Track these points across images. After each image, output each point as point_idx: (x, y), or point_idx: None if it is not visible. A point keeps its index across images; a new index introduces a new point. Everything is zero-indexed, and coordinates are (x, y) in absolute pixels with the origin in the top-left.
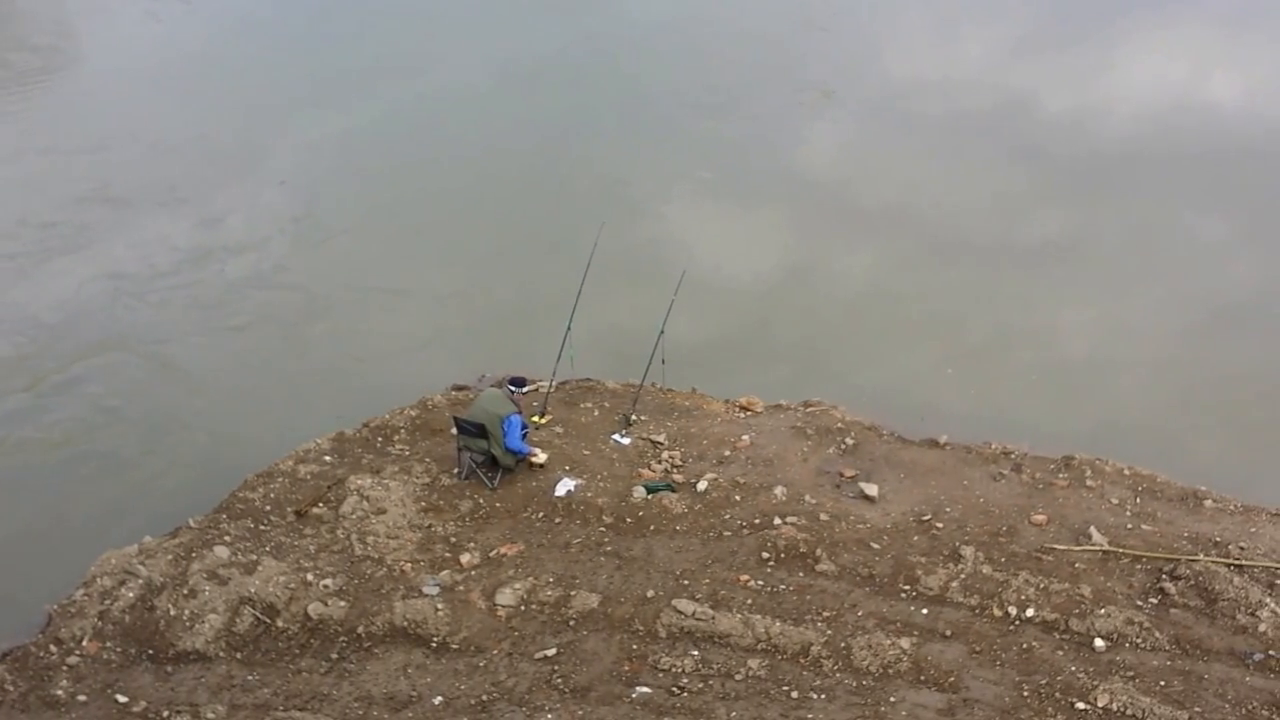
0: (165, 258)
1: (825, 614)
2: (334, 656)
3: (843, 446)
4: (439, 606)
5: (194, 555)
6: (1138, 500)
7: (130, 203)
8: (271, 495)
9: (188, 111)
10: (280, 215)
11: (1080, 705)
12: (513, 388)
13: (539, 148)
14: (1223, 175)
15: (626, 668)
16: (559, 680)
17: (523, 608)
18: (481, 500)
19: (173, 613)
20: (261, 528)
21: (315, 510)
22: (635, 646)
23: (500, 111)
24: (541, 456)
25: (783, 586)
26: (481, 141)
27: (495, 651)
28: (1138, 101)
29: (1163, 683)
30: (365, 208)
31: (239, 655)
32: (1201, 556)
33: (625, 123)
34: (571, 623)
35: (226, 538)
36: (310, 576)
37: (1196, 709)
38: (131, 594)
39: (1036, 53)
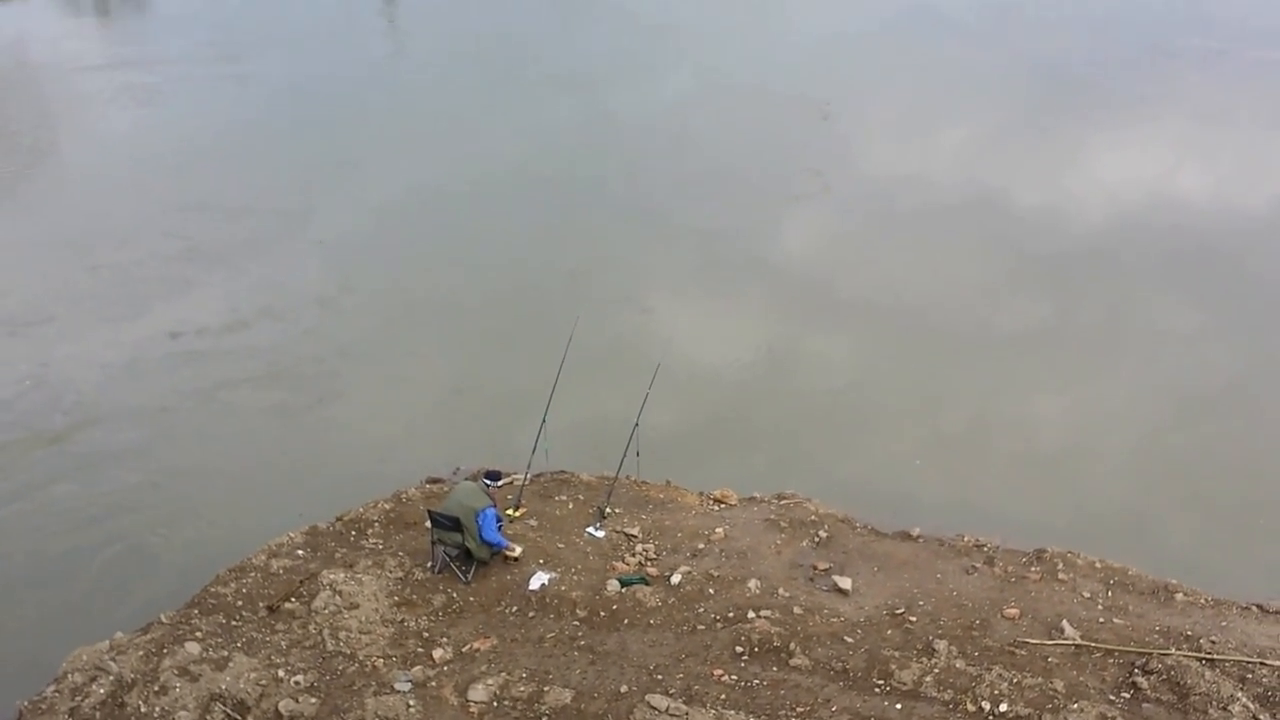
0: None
1: (799, 709)
2: None
3: (816, 539)
4: (411, 703)
5: (165, 651)
6: (1109, 593)
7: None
8: (244, 590)
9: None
10: (262, 300)
11: None
12: (488, 481)
13: (522, 237)
14: (1191, 268)
15: None
16: None
17: (495, 704)
18: (455, 594)
19: (143, 710)
20: (233, 623)
21: (287, 605)
22: None
23: (486, 201)
24: (516, 550)
25: (757, 681)
26: (464, 231)
27: None
28: (1109, 196)
29: None
30: (341, 297)
31: None
32: (1173, 651)
33: (609, 211)
34: (545, 719)
35: (198, 633)
36: (282, 673)
37: None
38: (102, 690)
39: (1013, 148)
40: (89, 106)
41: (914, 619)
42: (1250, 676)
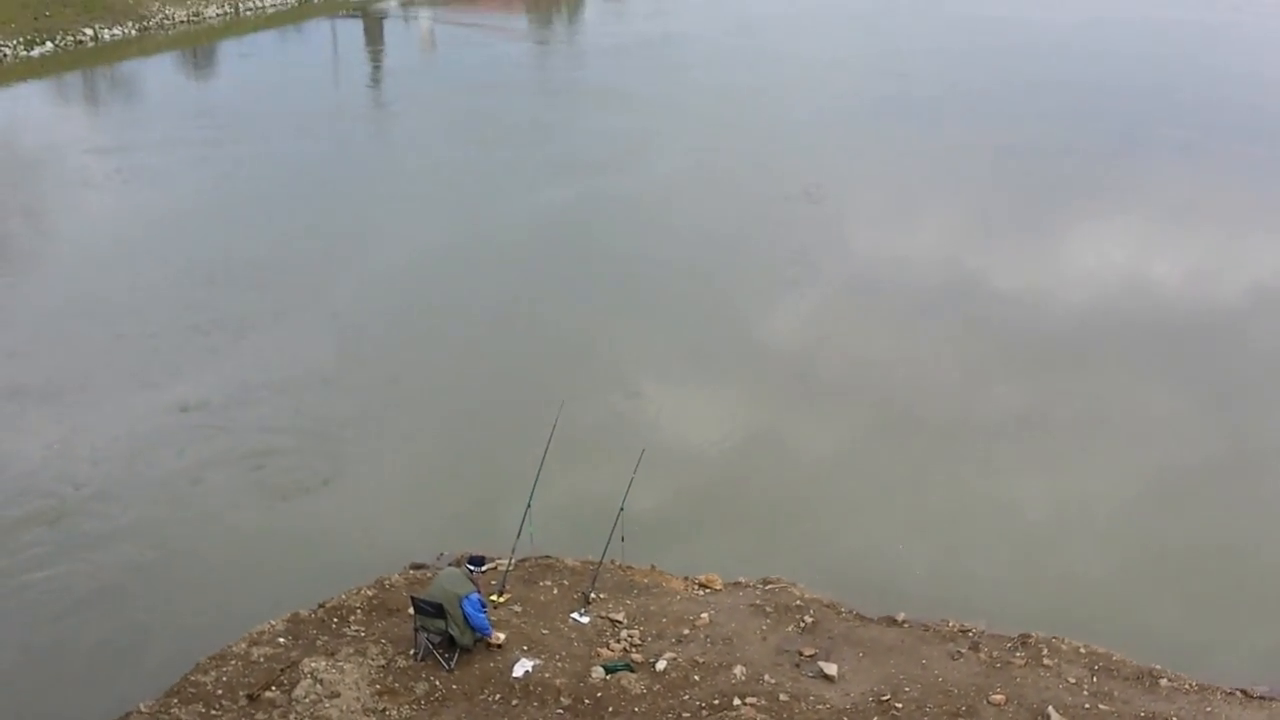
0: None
1: None
2: None
3: (802, 624)
4: None
5: None
6: (1094, 679)
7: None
8: (224, 679)
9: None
10: (267, 375)
11: None
12: (471, 567)
13: (511, 317)
14: (1169, 353)
15: None
16: None
17: None
18: (438, 682)
19: None
20: (213, 712)
21: (268, 694)
22: None
23: (476, 281)
24: (500, 637)
25: None
26: (454, 310)
27: None
28: (1087, 282)
29: None
30: (336, 374)
31: None
32: None
33: (597, 292)
34: None
35: None
36: None
37: None
38: None
39: (993, 234)
40: (92, 186)
41: (900, 705)
42: None
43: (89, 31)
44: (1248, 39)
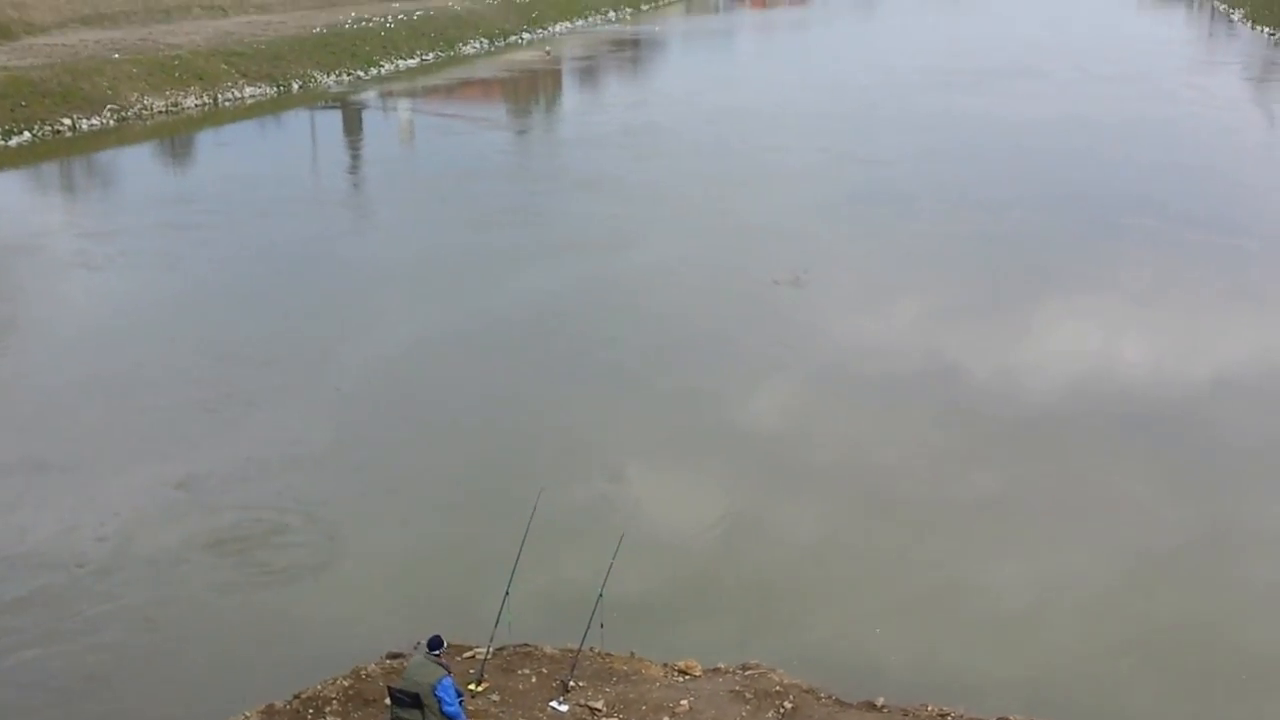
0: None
1: None
2: None
3: (781, 710)
4: None
5: None
6: None
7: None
8: None
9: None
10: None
11: None
12: (431, 649)
13: (491, 399)
14: (1143, 436)
15: None
16: None
17: None
18: None
19: None
20: None
21: None
22: None
23: (455, 364)
24: None
25: None
26: (432, 392)
27: None
28: (1062, 366)
29: None
30: (313, 465)
31: None
32: None
33: (579, 378)
34: None
35: None
36: None
37: None
38: None
39: (969, 320)
40: (82, 269)
41: None
42: None
43: (67, 121)
44: (1206, 131)
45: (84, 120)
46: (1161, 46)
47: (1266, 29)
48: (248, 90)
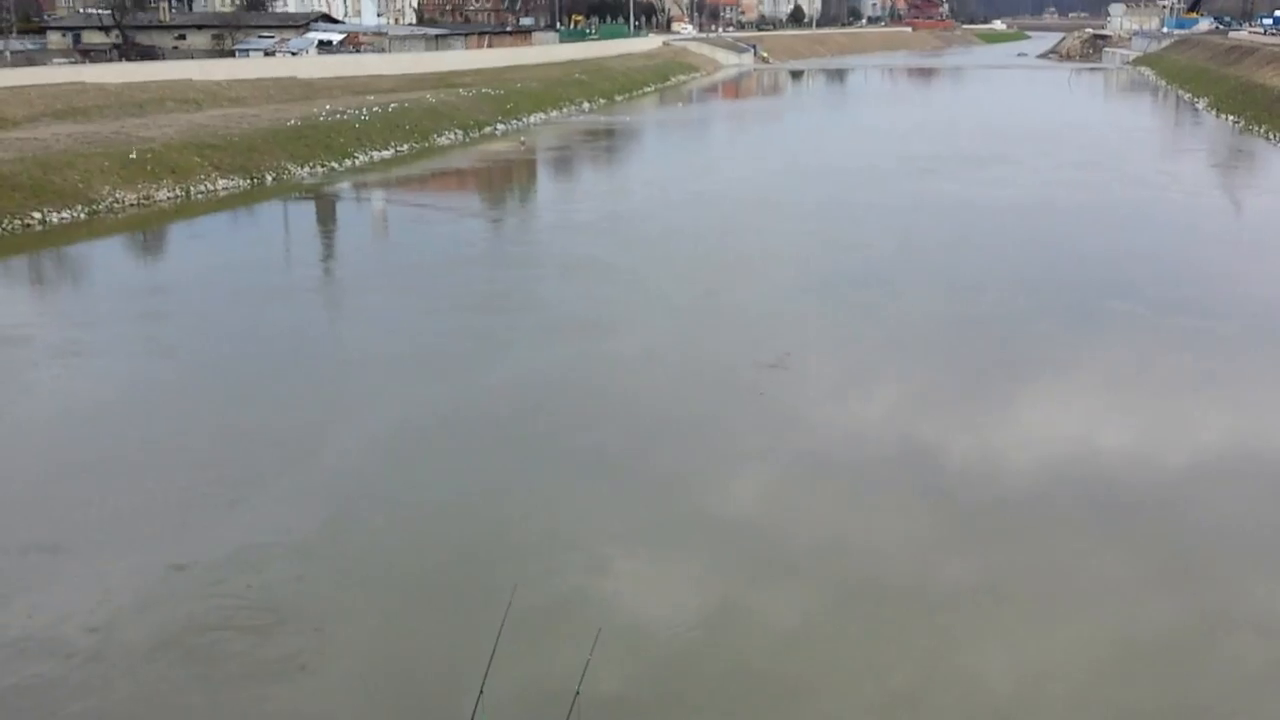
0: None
1: None
2: None
3: None
4: None
5: None
6: None
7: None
8: None
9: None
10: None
11: None
12: None
13: (464, 488)
14: (1124, 523)
15: None
16: None
17: None
18: None
19: None
20: None
21: None
22: None
23: (432, 450)
24: None
25: None
26: (409, 480)
27: None
28: (1041, 450)
29: None
30: (280, 557)
31: None
32: None
33: (554, 464)
34: None
35: None
36: None
37: None
38: None
39: (946, 403)
40: (58, 359)
41: None
42: None
43: (37, 215)
44: (1177, 216)
45: (55, 214)
46: (1130, 133)
47: (1231, 117)
48: (221, 183)
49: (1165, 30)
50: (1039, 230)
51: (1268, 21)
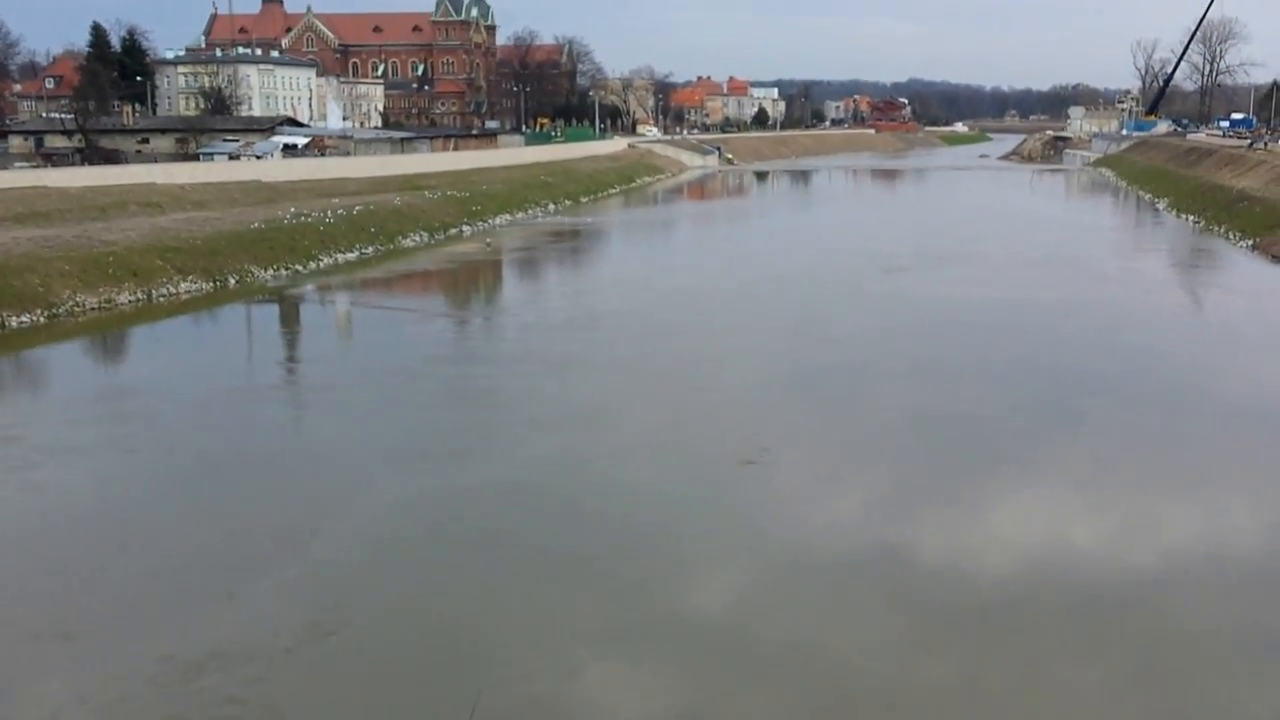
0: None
1: None
2: None
3: None
4: None
5: None
6: None
7: None
8: None
9: None
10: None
11: None
12: None
13: (436, 589)
14: (1094, 623)
15: None
16: None
17: None
18: None
19: None
20: None
21: None
22: None
23: (404, 550)
24: None
25: None
26: (380, 580)
27: None
28: (1014, 551)
29: None
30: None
31: None
32: None
33: (527, 564)
34: None
35: None
36: None
37: None
38: None
39: (917, 502)
40: (20, 463)
41: None
42: None
43: None
44: (1142, 313)
45: (14, 318)
46: (1094, 232)
47: (1191, 217)
48: (183, 285)
49: (1124, 132)
50: (1009, 328)
51: (1225, 124)
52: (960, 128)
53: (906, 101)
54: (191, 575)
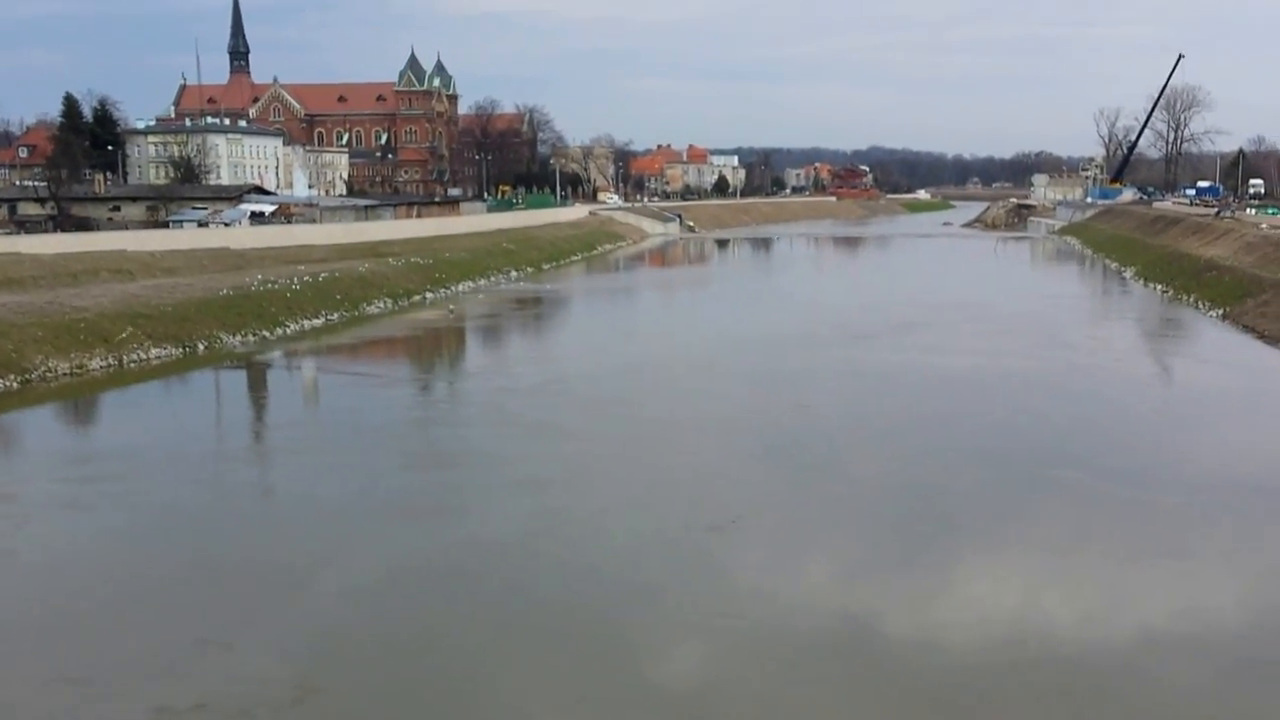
0: None
1: None
2: None
3: None
4: None
5: None
6: None
7: None
8: None
9: None
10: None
11: None
12: None
13: (398, 655)
14: (1067, 698)
15: None
16: None
17: None
18: None
19: None
20: None
21: None
22: None
23: (372, 611)
24: None
25: None
26: (351, 644)
27: None
28: (986, 624)
29: None
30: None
31: None
32: None
33: (496, 633)
34: None
35: None
36: None
37: None
38: None
39: (893, 572)
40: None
41: None
42: None
43: None
44: (1112, 383)
45: None
46: (1060, 300)
47: (1159, 286)
48: (154, 351)
49: (1090, 200)
50: (977, 398)
51: (1191, 192)
52: (923, 195)
53: (868, 169)
54: (144, 638)
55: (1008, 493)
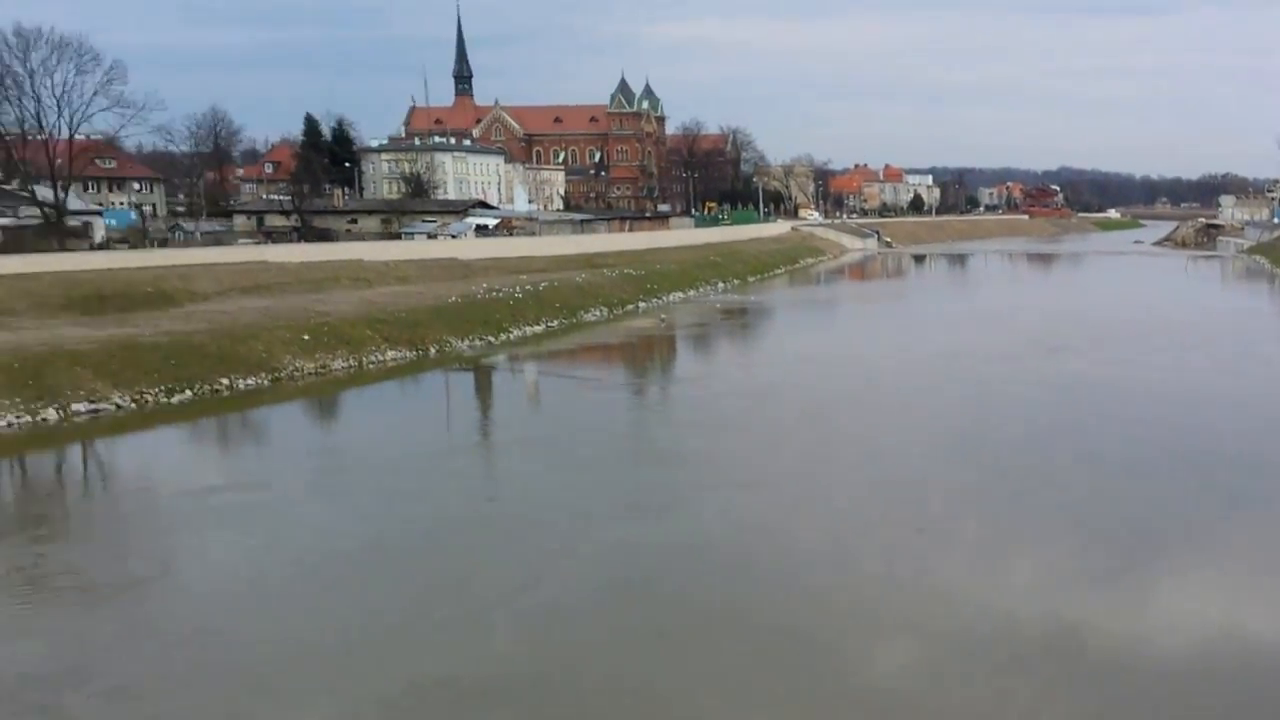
0: None
1: None
2: None
3: None
4: None
5: None
6: None
7: None
8: None
9: None
10: None
11: None
12: None
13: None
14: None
15: None
16: None
17: None
18: None
19: None
20: None
21: None
22: None
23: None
24: None
25: None
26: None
27: None
28: (1205, 642)
29: None
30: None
31: None
32: None
33: (699, 653)
34: None
35: None
36: None
37: None
38: None
39: (1097, 585)
40: (239, 514)
41: None
42: None
43: (225, 381)
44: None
45: (241, 380)
46: (1257, 317)
47: None
48: (389, 354)
49: (1277, 220)
50: (1180, 412)
51: None
52: (1114, 214)
53: (1058, 188)
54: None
55: (1213, 509)
